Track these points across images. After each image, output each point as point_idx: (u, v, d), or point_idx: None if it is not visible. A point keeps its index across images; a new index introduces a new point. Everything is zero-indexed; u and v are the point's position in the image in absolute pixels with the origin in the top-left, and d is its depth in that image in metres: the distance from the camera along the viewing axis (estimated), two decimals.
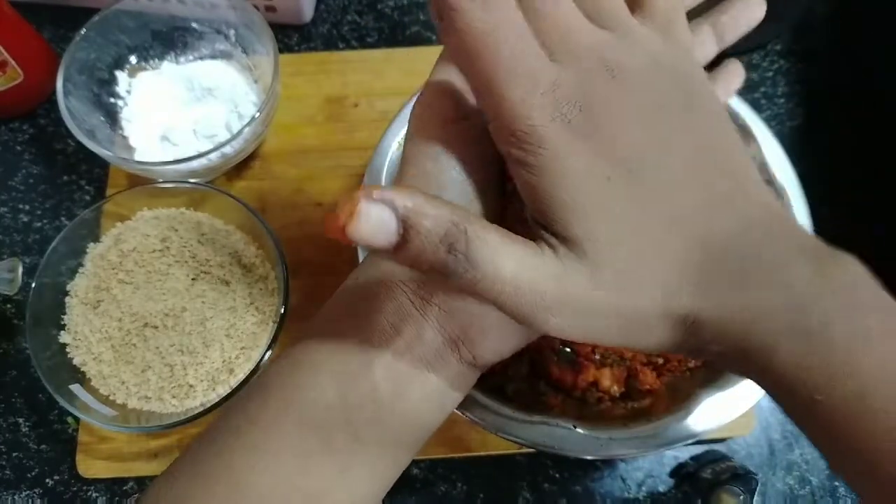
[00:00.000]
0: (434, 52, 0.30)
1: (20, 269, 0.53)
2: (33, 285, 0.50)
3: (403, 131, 0.30)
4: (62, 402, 0.47)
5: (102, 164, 0.61)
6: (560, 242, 0.21)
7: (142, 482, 0.52)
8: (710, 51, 0.29)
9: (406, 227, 0.20)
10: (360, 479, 0.27)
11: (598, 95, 0.22)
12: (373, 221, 0.19)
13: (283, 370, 0.28)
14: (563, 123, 0.22)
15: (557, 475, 0.52)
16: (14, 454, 0.53)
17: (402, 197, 0.20)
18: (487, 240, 0.20)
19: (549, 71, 0.22)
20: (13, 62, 0.58)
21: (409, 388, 0.26)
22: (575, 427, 0.41)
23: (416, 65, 0.63)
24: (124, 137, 0.58)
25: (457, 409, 0.41)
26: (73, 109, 0.53)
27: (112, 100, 0.59)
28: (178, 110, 0.58)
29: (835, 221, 0.40)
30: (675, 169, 0.22)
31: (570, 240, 0.21)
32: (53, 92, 0.55)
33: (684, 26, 0.26)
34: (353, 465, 0.27)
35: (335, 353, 0.27)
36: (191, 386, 0.50)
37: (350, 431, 0.26)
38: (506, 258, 0.20)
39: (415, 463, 0.52)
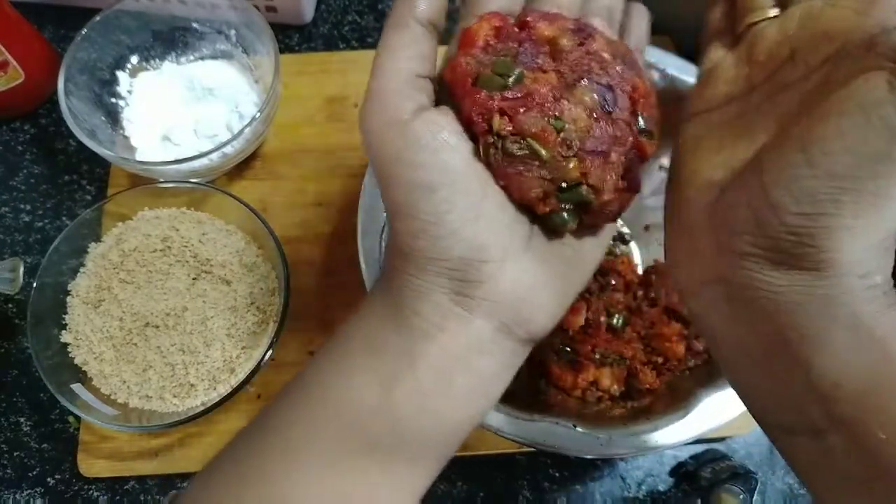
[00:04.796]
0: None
1: (21, 269, 0.53)
2: (35, 285, 0.50)
3: None
4: (63, 402, 0.47)
5: (103, 164, 0.61)
6: None
7: (143, 481, 0.52)
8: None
9: None
10: (402, 480, 0.27)
11: None
12: None
13: (322, 370, 0.27)
14: None
15: (557, 474, 0.52)
16: (15, 453, 0.53)
17: None
18: None
19: None
20: (14, 62, 0.58)
21: (458, 381, 0.26)
22: (575, 426, 0.42)
23: None
24: (125, 137, 0.58)
25: None
26: (74, 109, 0.53)
27: (113, 100, 0.59)
28: (179, 110, 0.58)
29: None
30: None
31: None
32: (54, 92, 0.55)
33: None
34: (396, 465, 0.26)
35: (373, 356, 0.26)
36: (192, 385, 0.50)
37: (395, 432, 0.26)
38: None
39: None
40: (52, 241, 0.51)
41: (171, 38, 0.61)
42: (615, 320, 0.47)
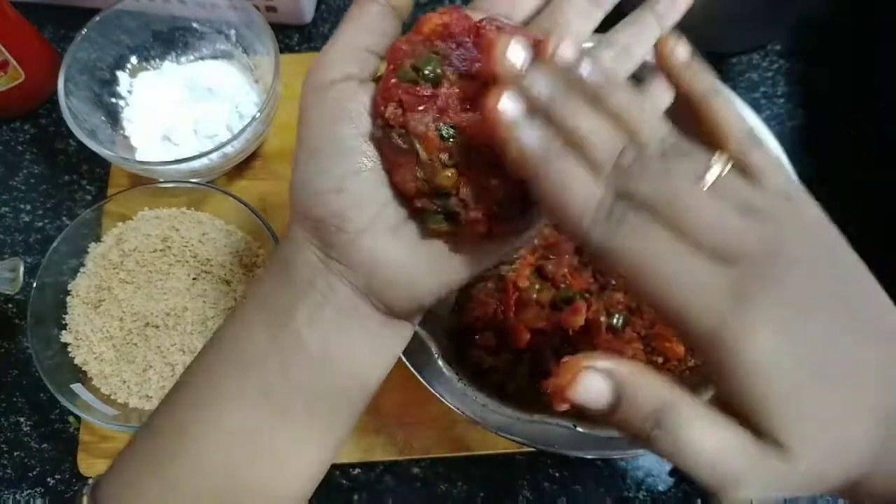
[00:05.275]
0: None
1: (21, 269, 0.53)
2: (35, 285, 0.50)
3: None
4: (63, 402, 0.47)
5: (103, 164, 0.61)
6: (759, 436, 0.22)
7: None
8: (655, 34, 0.30)
9: (619, 397, 0.22)
10: (299, 434, 0.28)
11: (778, 291, 0.21)
12: (590, 390, 0.22)
13: (221, 332, 0.30)
14: (757, 325, 0.21)
15: (557, 474, 0.52)
16: (15, 453, 0.53)
17: (620, 369, 0.22)
18: (695, 423, 0.22)
19: (721, 276, 0.21)
20: (14, 62, 0.58)
21: (334, 338, 0.27)
22: (575, 426, 0.42)
23: None
24: (125, 137, 0.58)
25: (457, 408, 0.42)
26: (74, 109, 0.53)
27: (113, 100, 0.59)
28: (179, 110, 0.58)
29: (834, 221, 0.40)
30: (851, 349, 0.22)
31: (774, 439, 0.21)
32: (54, 92, 0.55)
33: (792, 180, 0.25)
34: (292, 416, 0.28)
35: (262, 309, 0.28)
36: None
37: (284, 379, 0.28)
38: (709, 441, 0.22)
39: (415, 462, 0.52)
40: (52, 241, 0.51)
41: (171, 38, 0.61)
42: (615, 320, 0.47)
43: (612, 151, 0.22)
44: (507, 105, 0.23)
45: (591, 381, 0.22)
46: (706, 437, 0.22)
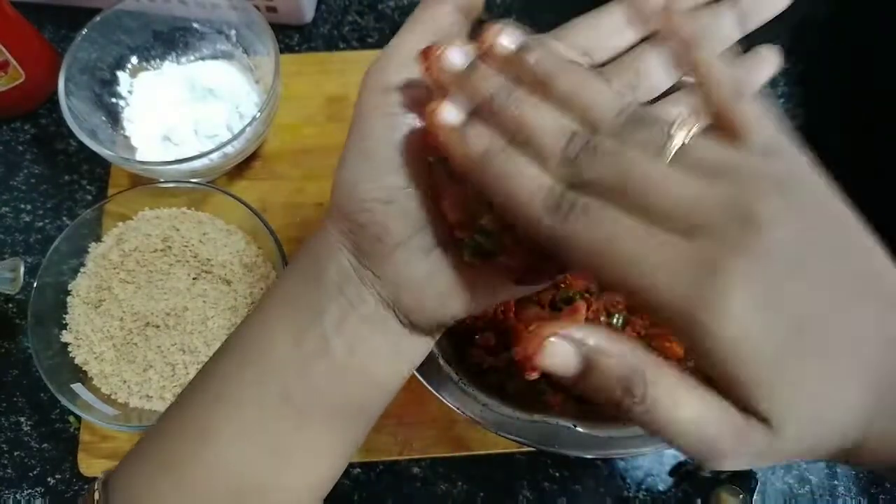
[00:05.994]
0: None
1: (22, 269, 0.53)
2: (35, 285, 0.50)
3: None
4: (64, 402, 0.47)
5: (104, 164, 0.61)
6: (743, 410, 0.21)
7: None
8: (733, 35, 0.29)
9: (587, 365, 0.21)
10: (317, 440, 0.28)
11: (749, 256, 0.20)
12: (557, 357, 0.21)
13: (242, 330, 0.29)
14: (729, 296, 0.19)
15: (557, 474, 0.52)
16: (16, 453, 0.53)
17: (586, 335, 0.21)
18: (672, 391, 0.21)
19: (686, 249, 0.20)
20: (14, 62, 0.58)
21: (358, 345, 0.27)
22: (575, 426, 0.42)
23: None
24: (126, 137, 0.58)
25: (457, 408, 0.42)
26: (74, 109, 0.53)
27: (113, 100, 0.59)
28: (179, 110, 0.58)
29: None
30: (843, 308, 0.21)
31: (756, 411, 0.20)
32: (55, 92, 0.55)
33: (780, 132, 0.23)
34: (311, 421, 0.28)
35: (288, 311, 0.28)
36: None
37: (306, 384, 0.27)
38: (685, 409, 0.21)
39: (415, 462, 0.52)
40: (53, 241, 0.51)
41: (171, 39, 0.61)
42: (615, 320, 0.47)
43: (558, 138, 0.22)
44: (446, 113, 0.23)
45: (558, 347, 0.21)
46: (685, 405, 0.21)
